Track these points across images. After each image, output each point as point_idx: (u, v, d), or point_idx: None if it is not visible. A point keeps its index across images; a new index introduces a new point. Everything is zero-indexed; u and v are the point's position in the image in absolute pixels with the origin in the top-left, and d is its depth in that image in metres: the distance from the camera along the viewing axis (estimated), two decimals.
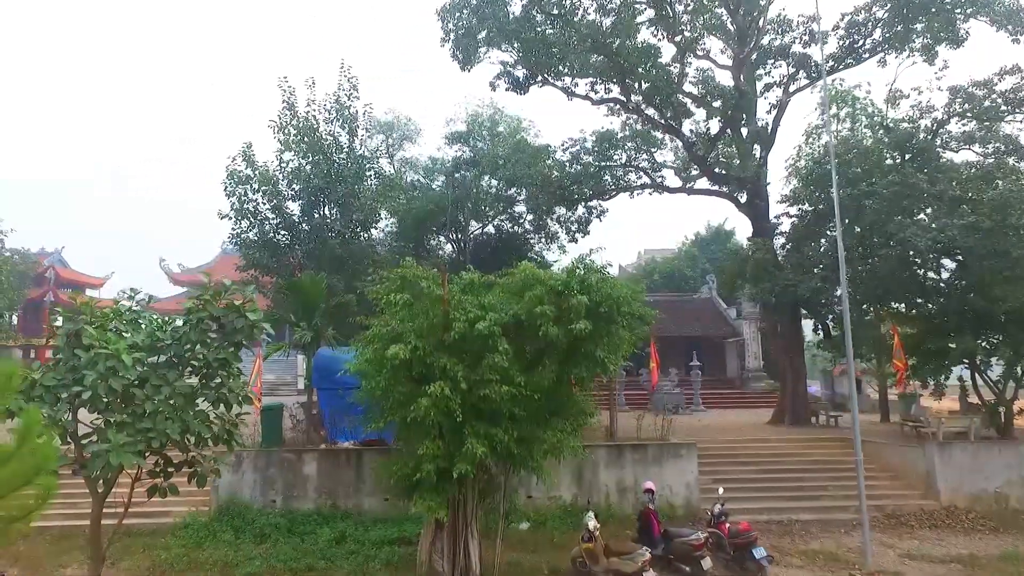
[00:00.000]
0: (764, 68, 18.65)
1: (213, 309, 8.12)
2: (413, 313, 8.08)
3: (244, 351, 8.51)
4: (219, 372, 8.26)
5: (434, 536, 9.18)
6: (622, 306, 8.25)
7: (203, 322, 8.04)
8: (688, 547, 10.26)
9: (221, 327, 8.19)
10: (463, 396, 7.86)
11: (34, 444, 5.11)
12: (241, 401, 8.40)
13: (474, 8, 17.32)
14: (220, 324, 8.17)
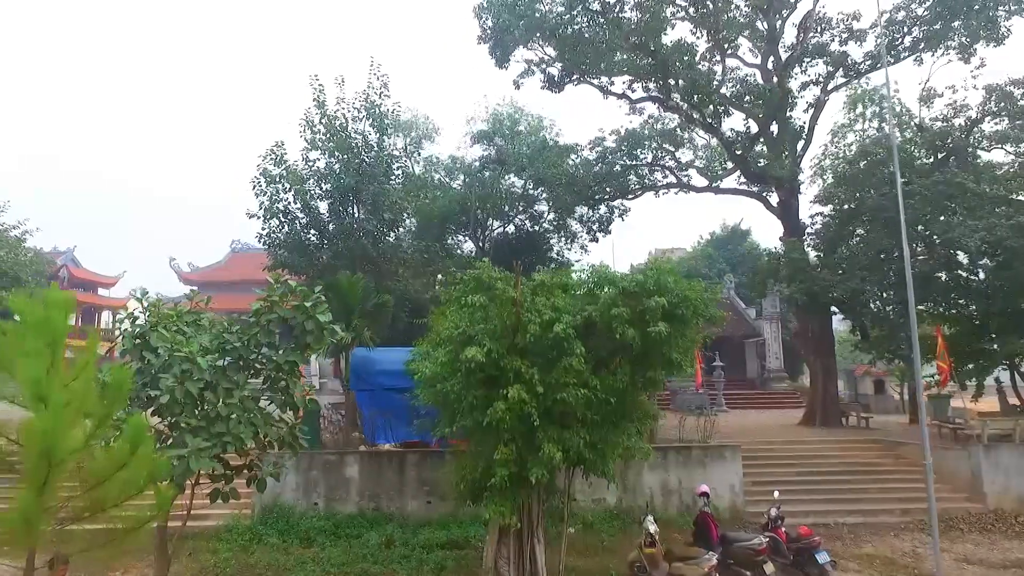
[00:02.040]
0: (801, 66, 18.49)
1: (281, 311, 7.97)
2: (488, 315, 7.93)
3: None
4: (285, 375, 8.12)
5: (499, 541, 9.03)
6: (698, 308, 8.10)
7: (271, 323, 7.90)
8: (750, 552, 10.11)
9: (288, 329, 8.05)
10: (538, 399, 7.71)
11: (145, 453, 4.96)
12: (307, 404, 8.26)
13: (510, 6, 17.16)
14: (287, 326, 8.03)
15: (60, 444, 4.15)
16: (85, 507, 4.73)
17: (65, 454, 4.18)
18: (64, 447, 4.17)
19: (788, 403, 29.54)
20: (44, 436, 4.10)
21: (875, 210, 17.32)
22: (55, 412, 4.20)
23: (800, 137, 18.90)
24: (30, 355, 4.27)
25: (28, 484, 4.26)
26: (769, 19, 19.60)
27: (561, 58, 18.63)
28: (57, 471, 4.22)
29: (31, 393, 4.24)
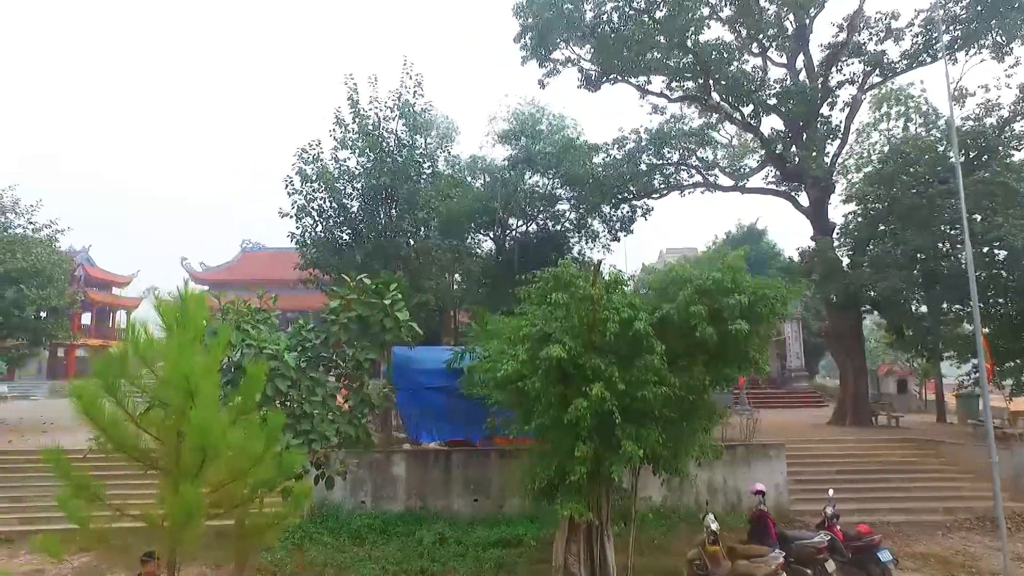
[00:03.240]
0: (837, 66, 18.50)
1: (359, 308, 8.00)
2: (568, 313, 7.94)
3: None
4: (362, 373, 8.14)
5: (568, 539, 9.04)
6: (777, 306, 8.12)
7: (350, 321, 7.92)
8: (811, 550, 10.10)
9: (365, 327, 8.07)
10: (618, 397, 7.73)
11: (278, 450, 4.98)
12: (383, 402, 8.29)
13: (552, 4, 17.15)
14: (364, 324, 8.06)
15: (215, 438, 4.19)
16: (218, 504, 4.75)
17: (220, 448, 4.22)
18: (219, 441, 4.21)
19: (810, 402, 29.58)
20: (200, 431, 4.13)
21: (910, 209, 17.33)
22: (209, 406, 4.24)
23: (836, 136, 18.93)
24: (181, 351, 4.29)
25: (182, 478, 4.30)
26: (799, 17, 19.60)
27: (599, 57, 18.64)
28: (211, 465, 4.25)
29: (182, 388, 4.26)
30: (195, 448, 4.13)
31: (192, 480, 4.19)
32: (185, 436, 4.40)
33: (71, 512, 4.58)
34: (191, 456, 4.19)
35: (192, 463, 4.21)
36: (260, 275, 55.69)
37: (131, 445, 4.35)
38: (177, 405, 4.40)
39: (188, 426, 4.28)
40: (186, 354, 4.28)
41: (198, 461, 4.17)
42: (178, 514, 4.12)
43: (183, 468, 4.24)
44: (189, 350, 4.30)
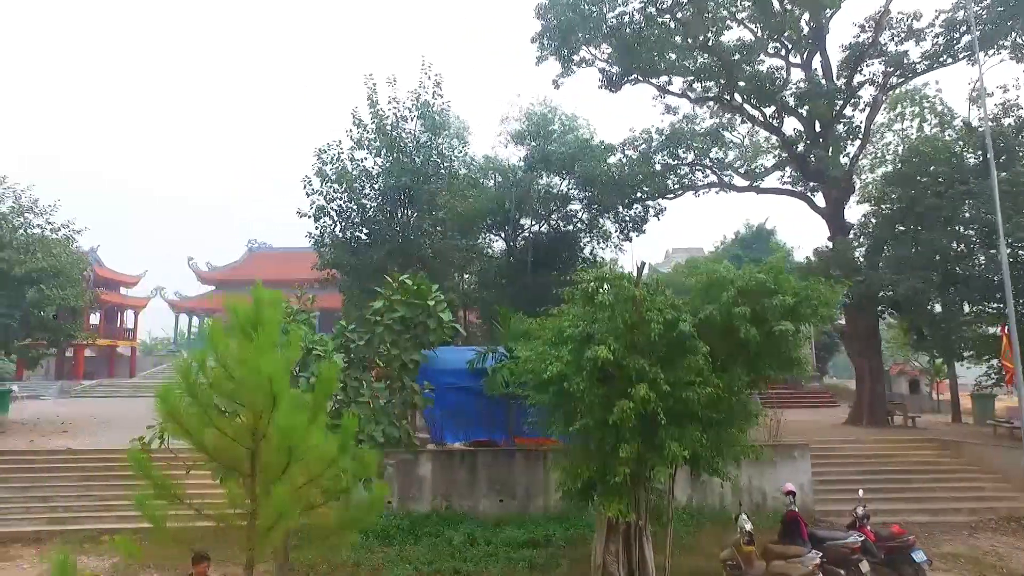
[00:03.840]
0: (857, 66, 18.49)
1: (403, 309, 8.02)
2: (613, 313, 7.95)
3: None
4: (405, 374, 8.16)
5: (607, 539, 9.06)
6: (820, 308, 8.14)
7: (394, 322, 7.94)
8: (845, 550, 10.11)
9: (407, 328, 8.09)
10: (662, 398, 7.74)
11: (355, 451, 5.01)
12: (425, 403, 8.31)
13: (574, 5, 17.16)
14: (407, 325, 8.08)
15: (300, 439, 4.21)
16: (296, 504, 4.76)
17: (304, 449, 4.24)
18: (304, 442, 4.23)
19: (822, 402, 29.58)
20: (286, 432, 4.15)
21: (929, 210, 17.34)
22: (293, 408, 4.26)
23: (856, 136, 18.95)
24: (261, 353, 4.31)
25: (267, 479, 4.31)
26: (816, 17, 19.61)
27: (620, 58, 18.64)
28: (296, 466, 4.27)
29: (264, 390, 4.28)
30: (281, 449, 4.14)
31: (278, 481, 4.20)
32: (264, 437, 4.42)
33: (147, 512, 4.60)
34: (276, 457, 4.20)
35: (276, 464, 4.23)
36: (267, 275, 55.70)
37: (212, 446, 4.36)
38: (255, 407, 4.41)
39: (271, 427, 4.30)
40: (267, 356, 4.29)
41: (283, 462, 4.18)
42: (268, 515, 4.13)
43: (268, 469, 4.26)
44: (270, 352, 4.31)
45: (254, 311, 4.61)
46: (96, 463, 15.31)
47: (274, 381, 4.29)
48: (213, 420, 4.41)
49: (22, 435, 18.21)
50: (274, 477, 4.26)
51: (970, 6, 16.17)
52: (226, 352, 4.49)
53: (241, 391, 4.49)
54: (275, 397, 4.34)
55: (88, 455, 15.72)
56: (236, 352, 4.51)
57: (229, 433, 4.52)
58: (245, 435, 4.56)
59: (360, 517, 4.85)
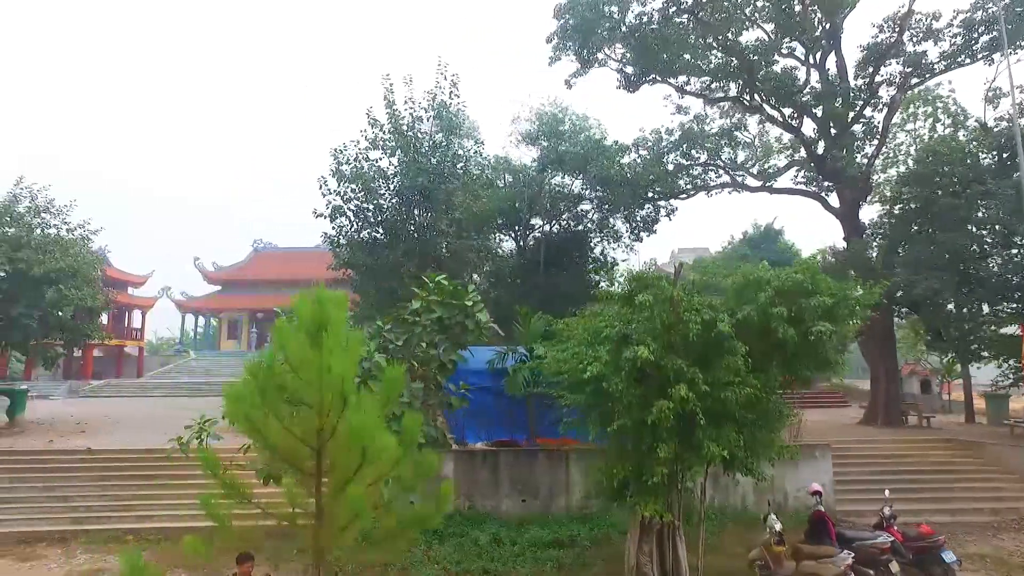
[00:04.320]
0: (876, 66, 18.49)
1: (441, 310, 8.03)
2: (653, 314, 7.96)
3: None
4: (444, 374, 8.17)
5: (640, 539, 9.07)
6: (856, 308, 8.15)
7: (433, 323, 7.95)
8: (875, 551, 10.11)
9: (444, 328, 8.10)
10: (701, 398, 7.75)
11: (418, 451, 5.02)
12: (460, 403, 8.32)
13: (594, 5, 17.17)
14: (444, 325, 8.09)
15: (372, 439, 4.22)
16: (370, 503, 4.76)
17: (376, 449, 4.24)
18: (377, 442, 4.24)
19: (833, 402, 29.56)
20: (360, 432, 4.16)
21: (947, 210, 17.33)
22: (367, 409, 4.26)
23: (874, 136, 18.96)
24: (332, 353, 4.32)
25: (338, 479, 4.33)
26: (832, 17, 19.61)
27: (638, 58, 18.65)
28: (368, 468, 4.28)
29: (335, 390, 4.29)
30: (354, 449, 4.15)
31: (352, 481, 4.22)
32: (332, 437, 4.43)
33: (212, 512, 4.61)
34: (347, 457, 4.21)
35: (347, 464, 4.24)
36: (272, 275, 55.84)
37: (282, 446, 4.37)
38: (323, 406, 4.42)
39: (340, 426, 4.31)
40: (337, 356, 4.30)
41: (355, 462, 4.19)
42: (342, 515, 4.14)
43: (339, 469, 4.27)
44: (339, 352, 4.32)
45: (319, 311, 4.62)
46: (115, 463, 15.33)
47: (345, 381, 4.30)
48: (282, 420, 4.42)
49: (39, 435, 18.23)
50: (345, 477, 4.27)
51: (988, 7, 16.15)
52: (294, 353, 4.50)
53: (307, 391, 4.50)
54: (345, 397, 4.35)
55: (107, 455, 15.74)
56: (302, 353, 4.52)
57: (296, 433, 4.53)
58: (310, 435, 4.57)
59: (425, 517, 4.87)
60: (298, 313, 4.69)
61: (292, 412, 4.66)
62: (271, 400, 4.37)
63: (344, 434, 4.27)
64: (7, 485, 13.97)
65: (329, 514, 4.37)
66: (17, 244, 17.17)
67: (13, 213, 18.09)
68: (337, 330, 4.53)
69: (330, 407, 4.42)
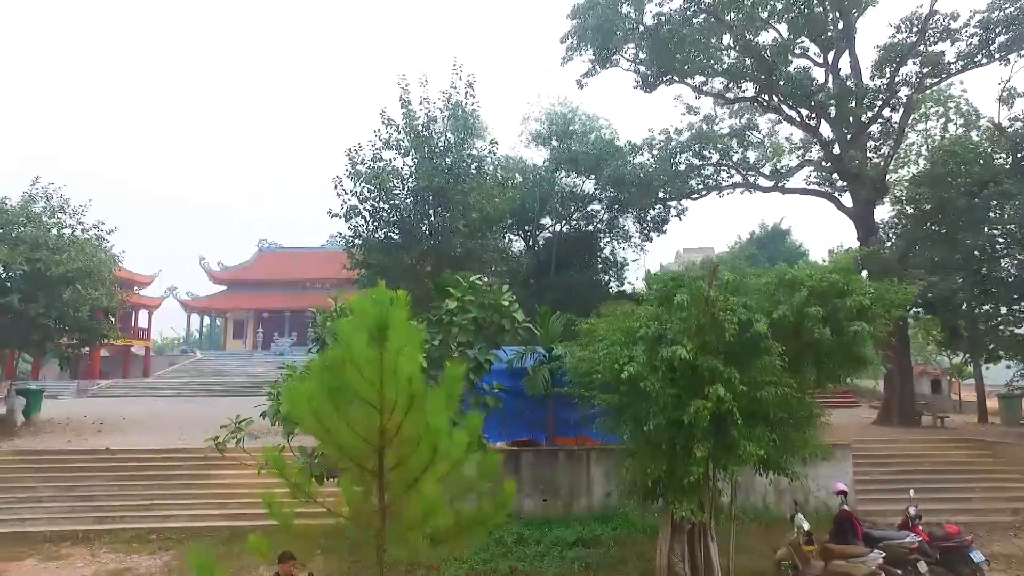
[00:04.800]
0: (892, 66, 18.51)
1: (477, 311, 8.04)
2: (690, 314, 7.98)
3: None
4: (479, 375, 8.19)
5: (672, 538, 9.09)
6: (891, 308, 8.16)
7: (470, 323, 7.97)
8: (904, 550, 10.13)
9: (480, 328, 8.12)
10: (737, 398, 7.77)
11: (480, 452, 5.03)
12: (495, 403, 8.34)
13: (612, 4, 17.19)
14: (480, 325, 8.11)
15: (444, 439, 4.23)
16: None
17: (450, 449, 4.26)
18: (447, 442, 4.25)
19: (844, 402, 29.55)
20: (433, 432, 4.18)
21: (963, 211, 17.34)
22: (436, 407, 4.28)
23: (891, 136, 18.96)
24: (399, 354, 4.33)
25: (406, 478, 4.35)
26: (847, 18, 19.62)
27: (657, 58, 18.68)
28: (437, 467, 4.30)
29: (404, 390, 4.30)
30: (425, 448, 4.17)
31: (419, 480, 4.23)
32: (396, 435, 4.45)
33: (274, 510, 4.62)
34: (417, 456, 4.23)
35: (416, 463, 4.25)
36: (276, 275, 55.98)
37: (349, 445, 4.38)
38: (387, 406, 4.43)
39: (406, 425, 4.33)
40: (404, 356, 4.31)
41: (425, 461, 4.21)
42: (413, 513, 4.16)
43: (408, 468, 4.28)
44: (406, 352, 4.33)
45: (381, 311, 4.63)
46: (135, 463, 15.38)
47: (413, 381, 4.32)
48: (348, 420, 4.43)
49: (56, 434, 18.27)
50: (413, 476, 4.29)
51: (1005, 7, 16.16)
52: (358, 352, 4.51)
53: (371, 391, 4.51)
54: (412, 397, 4.37)
55: (127, 455, 15.79)
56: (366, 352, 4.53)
57: (360, 432, 4.54)
58: (373, 434, 4.59)
59: (488, 516, 4.88)
60: (359, 312, 4.70)
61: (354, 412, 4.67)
62: (339, 400, 4.38)
63: (411, 433, 4.28)
64: (30, 485, 14.03)
65: (397, 512, 4.38)
66: (35, 244, 17.20)
67: (30, 213, 18.12)
68: (401, 329, 4.53)
69: (395, 406, 4.42)
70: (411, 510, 4.28)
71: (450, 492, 5.01)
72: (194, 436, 18.30)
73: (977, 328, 16.95)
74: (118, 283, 42.79)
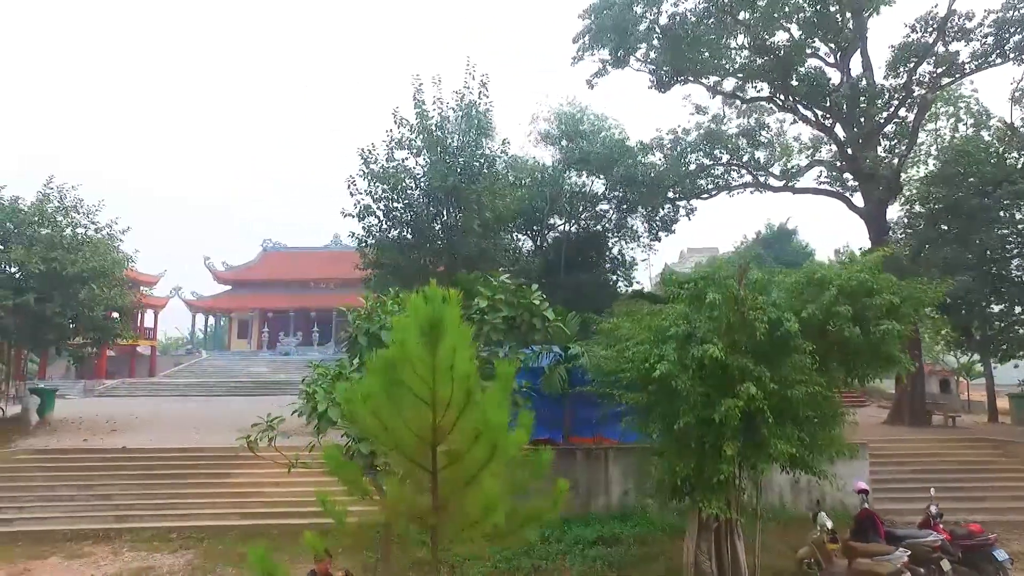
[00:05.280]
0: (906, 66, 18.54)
1: (508, 309, 8.07)
2: (721, 313, 8.00)
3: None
4: None
5: (698, 536, 9.12)
6: (919, 307, 8.19)
7: (501, 322, 8.00)
8: (927, 549, 10.15)
9: (511, 327, 8.15)
10: (767, 396, 7.80)
11: (534, 453, 5.07)
12: (524, 402, 8.37)
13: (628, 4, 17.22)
14: (511, 324, 8.14)
15: (503, 436, 4.27)
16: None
17: (506, 448, 4.30)
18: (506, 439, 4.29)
19: (852, 401, 29.58)
20: (492, 430, 4.22)
21: (978, 210, 17.37)
22: (494, 404, 4.32)
23: (905, 136, 19.00)
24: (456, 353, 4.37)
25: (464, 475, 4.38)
26: (859, 18, 19.65)
27: (672, 58, 18.70)
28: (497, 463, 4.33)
29: (461, 387, 4.34)
30: (483, 445, 4.21)
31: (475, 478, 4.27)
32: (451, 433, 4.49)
33: (328, 508, 4.67)
34: (475, 453, 4.26)
35: (473, 460, 4.29)
36: (281, 275, 56.00)
37: (404, 443, 4.42)
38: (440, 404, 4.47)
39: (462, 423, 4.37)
40: (460, 355, 4.35)
41: (483, 458, 4.25)
42: (472, 511, 4.20)
43: (465, 465, 4.32)
44: (463, 351, 4.37)
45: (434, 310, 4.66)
46: (153, 462, 15.41)
47: (470, 378, 4.35)
48: (404, 417, 4.47)
49: (71, 434, 18.30)
50: (471, 473, 4.33)
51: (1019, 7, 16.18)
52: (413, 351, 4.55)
53: (426, 388, 4.55)
54: (469, 394, 4.41)
55: (143, 453, 15.82)
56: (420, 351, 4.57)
57: (414, 430, 4.58)
58: (426, 431, 4.63)
59: (541, 513, 4.92)
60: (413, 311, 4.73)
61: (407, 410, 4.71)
62: (396, 398, 4.42)
63: (469, 430, 4.32)
64: (49, 484, 14.07)
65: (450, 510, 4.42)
66: (50, 244, 17.24)
67: (44, 213, 18.16)
68: (455, 328, 4.57)
69: (449, 403, 4.47)
70: (470, 507, 4.32)
71: (504, 489, 5.06)
72: (208, 435, 18.38)
73: (991, 328, 16.98)
74: (127, 283, 42.92)
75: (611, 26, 18.19)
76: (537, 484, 4.97)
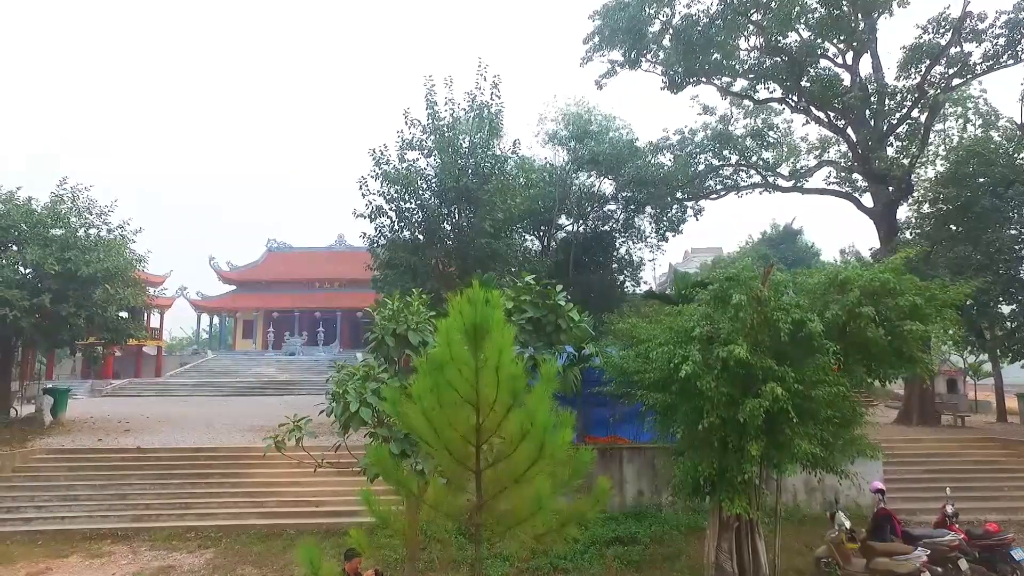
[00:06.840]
0: (916, 66, 18.59)
1: (534, 311, 8.13)
2: (747, 313, 8.06)
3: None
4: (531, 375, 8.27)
5: (719, 535, 9.18)
6: (942, 308, 8.25)
7: (527, 323, 8.06)
8: (945, 548, 10.22)
9: (537, 328, 8.21)
10: (791, 397, 7.85)
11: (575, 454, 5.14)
12: None
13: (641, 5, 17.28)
14: (536, 326, 8.19)
15: (550, 438, 4.34)
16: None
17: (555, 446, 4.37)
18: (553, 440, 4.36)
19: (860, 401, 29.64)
20: (537, 429, 4.29)
21: (990, 211, 17.41)
22: (540, 404, 4.39)
23: (916, 137, 19.04)
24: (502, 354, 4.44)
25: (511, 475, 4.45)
26: (870, 19, 19.69)
27: (684, 59, 18.76)
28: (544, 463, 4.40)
29: (508, 388, 4.41)
30: (531, 445, 4.27)
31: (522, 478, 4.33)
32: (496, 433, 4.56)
33: (372, 508, 4.74)
34: (522, 453, 4.33)
35: (519, 461, 4.36)
36: (285, 275, 56.11)
37: (451, 443, 4.49)
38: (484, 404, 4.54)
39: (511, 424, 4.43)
40: (506, 356, 4.41)
41: (530, 459, 4.31)
42: (521, 510, 4.26)
43: (513, 465, 4.38)
44: (508, 352, 4.43)
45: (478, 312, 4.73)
46: (168, 461, 15.48)
47: (516, 379, 4.42)
48: (449, 417, 4.54)
49: (85, 433, 18.38)
50: (518, 472, 4.39)
51: None
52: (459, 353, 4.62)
53: (471, 389, 4.61)
54: (515, 394, 4.48)
55: (158, 453, 15.90)
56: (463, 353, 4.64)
57: (459, 430, 4.65)
58: (470, 432, 4.70)
59: (583, 512, 4.99)
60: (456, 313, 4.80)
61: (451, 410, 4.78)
62: (445, 400, 4.49)
63: (516, 431, 4.38)
64: (66, 483, 14.15)
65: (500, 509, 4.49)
66: (65, 245, 17.31)
67: (58, 213, 18.24)
68: (500, 329, 4.64)
69: (494, 403, 4.53)
70: (517, 506, 4.38)
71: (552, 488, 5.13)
72: (221, 435, 18.47)
73: (1002, 328, 17.03)
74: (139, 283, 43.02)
75: (624, 27, 18.25)
76: (578, 483, 5.03)
